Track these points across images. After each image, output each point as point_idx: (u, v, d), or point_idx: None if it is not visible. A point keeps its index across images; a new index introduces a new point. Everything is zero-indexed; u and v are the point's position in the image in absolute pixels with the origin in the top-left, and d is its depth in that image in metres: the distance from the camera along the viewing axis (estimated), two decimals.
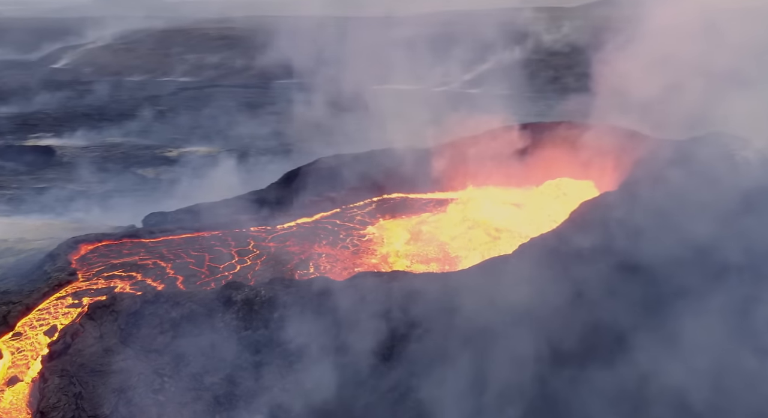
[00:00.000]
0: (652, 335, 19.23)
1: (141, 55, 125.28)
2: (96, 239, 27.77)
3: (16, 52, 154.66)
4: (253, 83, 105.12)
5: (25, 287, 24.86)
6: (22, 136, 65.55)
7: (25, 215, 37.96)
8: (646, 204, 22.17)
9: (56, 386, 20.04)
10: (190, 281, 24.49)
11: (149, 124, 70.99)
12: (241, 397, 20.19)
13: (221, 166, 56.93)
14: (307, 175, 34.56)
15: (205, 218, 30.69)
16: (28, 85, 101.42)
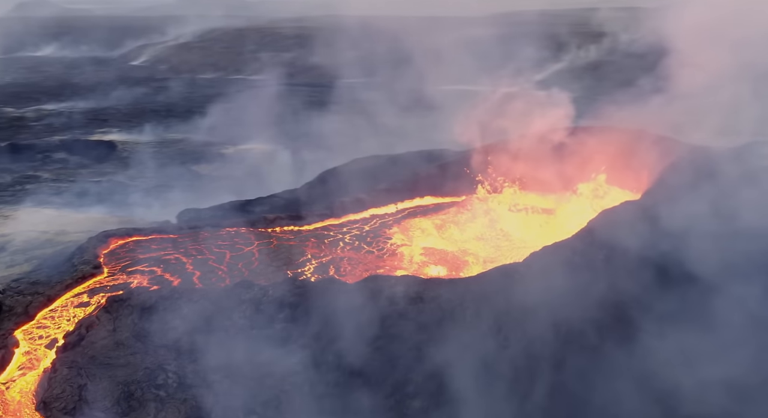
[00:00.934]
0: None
1: (215, 53, 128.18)
2: (126, 234, 28.37)
3: (100, 49, 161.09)
4: (321, 82, 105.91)
5: (53, 279, 25.69)
6: (90, 130, 68.03)
7: (73, 207, 39.31)
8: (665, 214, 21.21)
9: (63, 377, 20.57)
10: (207, 277, 24.78)
11: (213, 122, 72.36)
12: (239, 396, 20.29)
13: (275, 164, 57.81)
14: (341, 175, 34.55)
15: (236, 215, 30.97)
16: (106, 81, 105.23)
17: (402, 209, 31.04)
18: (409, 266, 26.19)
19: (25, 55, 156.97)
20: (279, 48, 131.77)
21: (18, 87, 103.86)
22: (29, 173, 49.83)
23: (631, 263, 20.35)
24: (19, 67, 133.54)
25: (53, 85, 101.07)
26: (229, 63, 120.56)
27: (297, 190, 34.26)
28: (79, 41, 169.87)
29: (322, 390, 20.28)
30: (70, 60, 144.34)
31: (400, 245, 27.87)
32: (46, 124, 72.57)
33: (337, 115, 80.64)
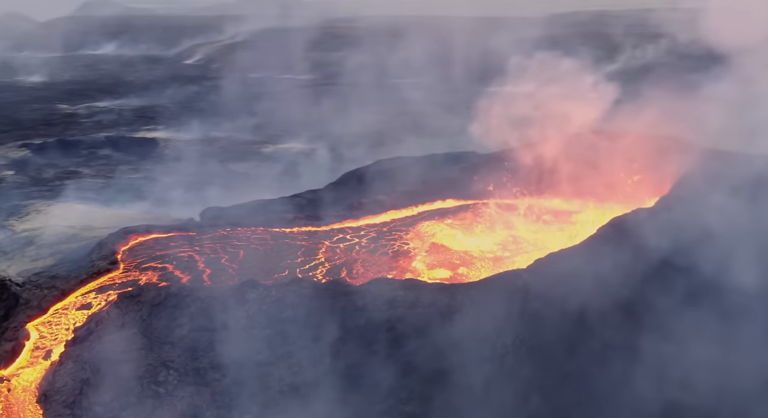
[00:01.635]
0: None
1: (267, 52, 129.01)
2: (146, 231, 28.80)
3: (157, 48, 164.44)
4: (367, 82, 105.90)
5: (71, 273, 26.29)
6: (137, 127, 69.46)
7: (106, 203, 40.14)
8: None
9: (68, 370, 21.00)
10: (217, 275, 24.96)
11: (255, 120, 73.12)
12: (236, 396, 20.40)
13: (313, 163, 58.01)
14: (364, 176, 34.51)
15: (257, 214, 31.14)
16: (159, 79, 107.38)
17: (421, 212, 30.76)
18: (421, 269, 25.92)
19: (85, 54, 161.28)
20: (329, 47, 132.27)
21: (75, 84, 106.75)
22: (72, 169, 51.19)
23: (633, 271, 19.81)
24: (78, 65, 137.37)
25: (108, 82, 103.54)
26: (279, 62, 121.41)
27: (320, 191, 34.31)
28: (137, 40, 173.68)
29: (317, 392, 20.26)
30: (127, 58, 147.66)
31: (416, 247, 27.60)
32: (96, 120, 74.38)
33: (381, 116, 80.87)
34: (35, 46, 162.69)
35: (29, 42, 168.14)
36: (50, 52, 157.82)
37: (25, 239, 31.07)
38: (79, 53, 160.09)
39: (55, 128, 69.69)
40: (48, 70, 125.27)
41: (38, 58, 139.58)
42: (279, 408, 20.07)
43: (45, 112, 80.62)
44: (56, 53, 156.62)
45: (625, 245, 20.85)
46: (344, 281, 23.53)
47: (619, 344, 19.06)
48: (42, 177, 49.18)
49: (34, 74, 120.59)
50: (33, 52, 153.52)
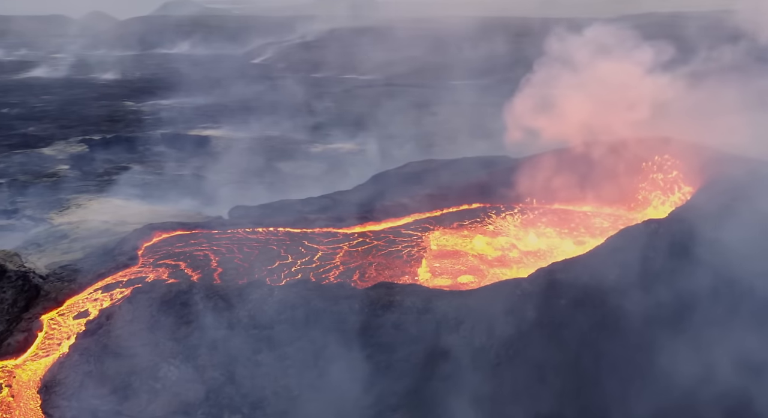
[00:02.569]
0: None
1: (332, 52, 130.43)
2: (171, 228, 29.35)
3: (228, 47, 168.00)
4: (429, 83, 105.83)
5: (93, 267, 27.00)
6: (194, 125, 71.10)
7: (147, 199, 41.18)
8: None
9: (72, 362, 21.56)
10: (228, 274, 25.23)
11: (311, 120, 73.95)
12: (228, 396, 20.56)
13: (358, 164, 58.13)
14: (392, 179, 34.40)
15: (281, 214, 31.35)
16: (225, 78, 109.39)
17: (443, 216, 30.41)
18: (435, 275, 25.61)
19: (159, 52, 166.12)
20: (394, 48, 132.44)
21: (144, 82, 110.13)
22: (123, 165, 52.70)
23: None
24: (151, 64, 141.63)
25: (176, 81, 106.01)
26: (342, 62, 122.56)
27: (347, 192, 34.31)
28: (210, 39, 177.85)
29: (312, 395, 20.26)
30: (198, 57, 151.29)
31: (433, 252, 27.31)
32: (157, 118, 76.46)
33: (436, 117, 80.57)
34: (112, 44, 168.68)
35: (107, 40, 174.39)
36: (126, 50, 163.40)
37: (60, 233, 32.10)
38: (153, 52, 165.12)
39: (117, 125, 72.02)
40: (121, 68, 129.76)
41: (113, 57, 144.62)
42: (270, 409, 20.07)
43: (111, 109, 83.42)
44: (131, 51, 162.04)
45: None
46: (348, 284, 23.42)
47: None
48: (93, 172, 50.83)
49: (108, 72, 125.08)
50: (109, 50, 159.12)
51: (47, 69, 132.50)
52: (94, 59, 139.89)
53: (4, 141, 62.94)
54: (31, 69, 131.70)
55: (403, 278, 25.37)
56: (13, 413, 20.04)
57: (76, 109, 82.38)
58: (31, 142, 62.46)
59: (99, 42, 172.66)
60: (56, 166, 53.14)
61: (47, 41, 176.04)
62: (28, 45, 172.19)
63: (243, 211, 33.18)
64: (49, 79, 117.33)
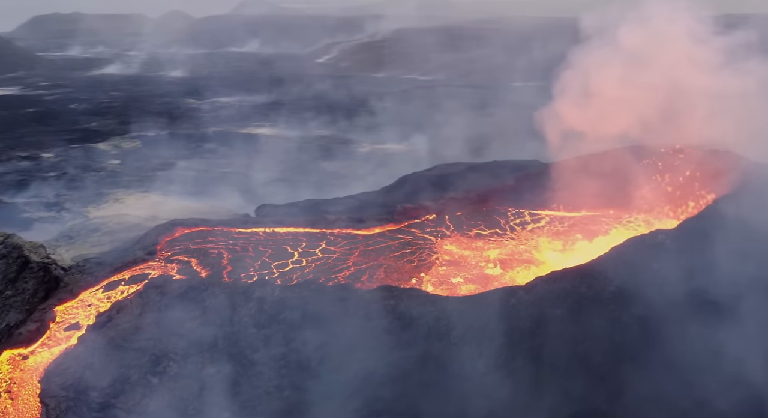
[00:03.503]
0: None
1: (395, 52, 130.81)
2: (193, 224, 29.77)
3: (296, 47, 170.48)
4: (490, 84, 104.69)
5: (114, 261, 27.64)
6: (247, 123, 72.24)
7: (185, 195, 41.90)
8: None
9: (75, 354, 22.07)
10: (237, 272, 25.42)
11: (365, 120, 74.00)
12: (222, 393, 20.68)
13: (405, 165, 57.87)
14: (418, 181, 34.02)
15: (304, 213, 31.41)
16: (287, 77, 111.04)
17: (463, 220, 29.92)
18: (444, 280, 25.23)
19: (229, 51, 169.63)
20: (458, 48, 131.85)
21: (209, 80, 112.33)
22: (171, 161, 53.88)
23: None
24: (219, 62, 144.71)
25: (239, 79, 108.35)
26: (404, 63, 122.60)
27: (374, 193, 34.16)
28: (279, 38, 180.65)
29: (299, 396, 20.20)
30: (265, 56, 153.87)
31: (448, 257, 26.90)
32: (214, 115, 78.01)
33: (492, 118, 79.54)
34: (185, 42, 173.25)
35: (181, 39, 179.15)
36: (197, 48, 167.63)
37: (93, 226, 32.95)
38: (223, 50, 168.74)
39: (175, 121, 73.78)
40: (190, 65, 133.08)
41: (183, 55, 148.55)
42: (260, 408, 20.10)
43: (172, 106, 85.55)
44: (202, 50, 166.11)
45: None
46: (352, 286, 23.27)
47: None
48: (140, 168, 52.15)
49: (176, 69, 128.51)
50: (181, 49, 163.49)
51: (120, 66, 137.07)
52: (166, 57, 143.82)
53: (66, 135, 65.27)
54: (105, 66, 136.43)
55: (409, 282, 25.10)
56: (14, 400, 20.62)
57: (140, 105, 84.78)
58: (90, 137, 64.59)
59: (172, 40, 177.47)
60: (107, 161, 54.75)
61: (123, 39, 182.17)
62: (106, 43, 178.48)
63: (269, 209, 33.41)
64: (120, 76, 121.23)
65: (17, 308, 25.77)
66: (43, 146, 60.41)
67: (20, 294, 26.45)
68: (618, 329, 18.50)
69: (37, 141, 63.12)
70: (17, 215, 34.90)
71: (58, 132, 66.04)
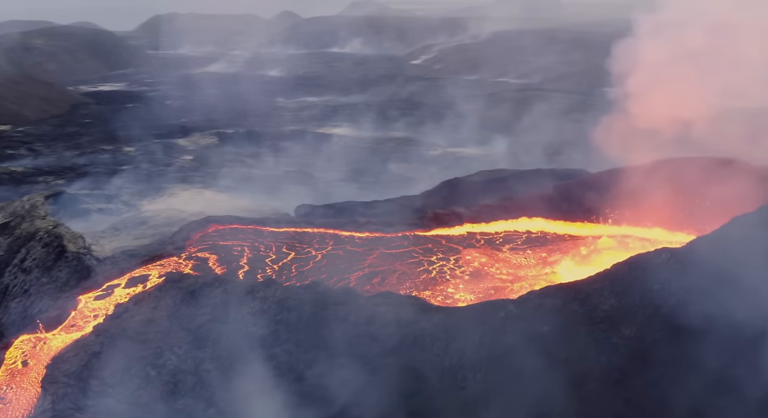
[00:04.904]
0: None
1: (490, 54, 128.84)
2: (227, 222, 30.38)
3: (397, 48, 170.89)
4: (583, 88, 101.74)
5: (147, 254, 28.55)
6: (325, 123, 73.21)
7: (241, 192, 42.63)
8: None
9: (86, 342, 22.88)
10: (253, 271, 25.73)
11: (445, 122, 73.30)
12: (215, 389, 20.96)
13: (469, 169, 56.94)
14: (458, 186, 33.50)
15: (339, 215, 31.49)
16: (379, 77, 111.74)
17: (494, 228, 29.15)
18: (454, 292, 24.54)
19: (329, 51, 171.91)
20: (557, 51, 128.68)
21: (303, 80, 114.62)
22: (240, 158, 55.13)
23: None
24: (316, 62, 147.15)
25: (331, 79, 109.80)
26: (499, 65, 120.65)
27: (413, 197, 33.83)
28: (381, 39, 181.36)
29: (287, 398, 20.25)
30: (363, 56, 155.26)
31: (467, 269, 26.17)
32: (296, 114, 79.44)
33: (578, 124, 77.02)
34: (289, 42, 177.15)
35: (286, 38, 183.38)
36: (300, 48, 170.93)
37: (140, 219, 34.21)
38: (323, 50, 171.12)
39: (257, 119, 75.58)
40: (288, 65, 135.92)
41: (285, 54, 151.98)
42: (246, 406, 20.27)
43: (260, 104, 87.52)
44: (304, 50, 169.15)
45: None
46: (355, 290, 23.09)
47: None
48: (208, 164, 53.62)
49: (274, 69, 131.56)
50: (283, 48, 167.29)
51: (223, 64, 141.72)
52: (267, 56, 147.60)
53: (153, 130, 68.03)
54: (210, 64, 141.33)
55: (422, 291, 24.58)
56: (18, 383, 21.56)
57: (231, 103, 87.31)
58: (174, 133, 67.12)
59: (277, 40, 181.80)
60: (181, 156, 56.65)
61: (232, 39, 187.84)
62: (215, 42, 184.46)
63: (308, 209, 33.74)
64: (221, 74, 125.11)
65: (50, 295, 27.09)
66: (129, 140, 63.26)
67: (54, 282, 27.82)
68: (605, 350, 17.53)
69: (126, 135, 66.15)
70: (78, 205, 36.56)
71: (147, 127, 68.86)
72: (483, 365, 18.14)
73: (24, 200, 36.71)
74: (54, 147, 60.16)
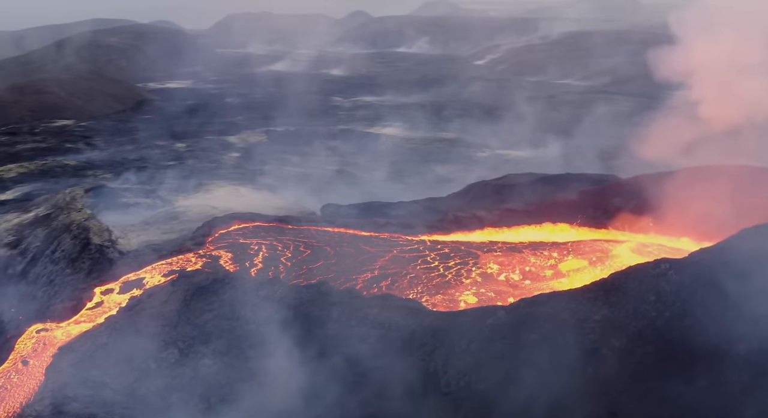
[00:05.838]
0: None
1: (555, 56, 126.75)
2: (250, 219, 30.66)
3: (463, 48, 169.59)
4: (648, 92, 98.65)
5: (169, 248, 29.04)
6: (376, 123, 73.08)
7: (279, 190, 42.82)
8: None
9: (94, 332, 23.44)
10: (265, 269, 25.85)
11: (499, 124, 72.16)
12: (206, 385, 21.15)
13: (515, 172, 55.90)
14: (484, 189, 32.90)
15: (362, 215, 31.35)
16: (439, 78, 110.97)
17: (514, 233, 28.56)
18: (465, 297, 24.10)
19: (394, 51, 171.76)
20: (626, 53, 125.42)
21: (363, 79, 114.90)
22: (286, 156, 55.42)
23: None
24: (381, 61, 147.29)
25: (392, 79, 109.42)
26: (563, 67, 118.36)
27: (438, 199, 33.41)
28: (450, 39, 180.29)
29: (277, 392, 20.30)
30: (427, 57, 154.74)
31: (482, 276, 25.66)
32: (350, 114, 79.62)
33: (637, 128, 74.82)
34: (355, 41, 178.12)
35: (353, 37, 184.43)
36: (366, 47, 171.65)
37: (173, 214, 34.78)
38: (388, 50, 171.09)
39: (310, 118, 76.07)
40: (352, 64, 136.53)
41: (349, 54, 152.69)
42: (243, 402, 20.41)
43: (317, 103, 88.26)
44: (369, 49, 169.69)
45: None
46: (356, 291, 22.97)
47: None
48: (252, 161, 54.15)
49: (337, 67, 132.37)
50: (349, 47, 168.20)
51: (288, 63, 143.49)
52: (332, 55, 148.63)
53: (208, 127, 69.40)
54: (274, 63, 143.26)
55: (433, 295, 24.21)
56: (24, 370, 22.20)
57: (289, 102, 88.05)
58: (227, 130, 68.23)
59: (344, 39, 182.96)
60: (228, 153, 57.47)
61: (300, 38, 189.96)
62: (283, 41, 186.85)
63: (333, 209, 33.70)
64: (285, 72, 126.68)
65: (72, 286, 27.85)
66: (183, 137, 64.66)
67: (77, 273, 28.56)
68: (592, 361, 16.89)
69: (181, 131, 67.67)
70: (117, 199, 37.45)
71: (203, 124, 70.34)
72: (467, 371, 17.75)
73: (66, 193, 37.92)
74: (111, 142, 61.97)
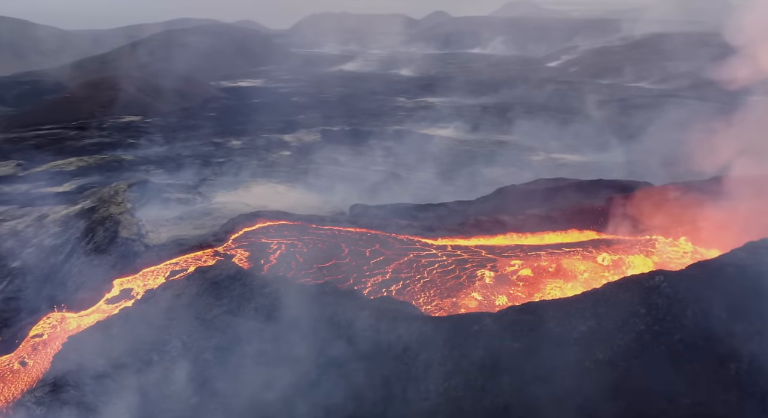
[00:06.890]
0: None
1: (630, 58, 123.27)
2: (275, 217, 30.93)
3: (538, 49, 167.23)
4: (724, 97, 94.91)
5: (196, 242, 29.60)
6: (433, 124, 72.43)
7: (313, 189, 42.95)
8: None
9: (107, 324, 24.07)
10: (277, 268, 26.01)
11: (562, 127, 70.49)
12: (201, 382, 21.41)
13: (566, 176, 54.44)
14: (513, 194, 32.26)
15: (388, 216, 31.20)
16: (509, 79, 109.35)
17: (536, 238, 27.82)
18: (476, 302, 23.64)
19: (466, 52, 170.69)
20: (705, 56, 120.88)
21: (430, 80, 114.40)
22: (335, 156, 55.36)
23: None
24: (452, 62, 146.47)
25: (460, 80, 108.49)
26: (638, 69, 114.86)
27: (466, 202, 32.90)
28: (527, 40, 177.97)
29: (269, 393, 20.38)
30: (500, 57, 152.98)
31: (498, 276, 25.17)
32: (409, 114, 79.18)
33: (707, 134, 71.92)
34: (428, 41, 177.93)
35: (427, 38, 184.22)
36: (438, 48, 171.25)
37: (208, 210, 35.52)
38: (461, 51, 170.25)
39: (369, 118, 76.22)
40: (421, 65, 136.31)
41: (421, 54, 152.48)
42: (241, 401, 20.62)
43: (380, 103, 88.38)
44: (441, 50, 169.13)
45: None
46: (358, 293, 22.86)
47: None
48: (301, 159, 54.37)
49: (407, 68, 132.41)
50: (422, 48, 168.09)
51: (359, 63, 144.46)
52: (403, 56, 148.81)
53: (268, 125, 70.31)
54: (345, 62, 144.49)
55: (444, 299, 23.87)
56: (33, 357, 22.98)
57: (352, 101, 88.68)
58: (285, 129, 68.95)
59: (418, 39, 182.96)
60: (279, 151, 57.98)
61: (376, 37, 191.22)
62: (359, 41, 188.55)
63: (361, 209, 33.70)
64: (354, 72, 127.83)
65: (96, 277, 28.67)
66: (240, 134, 65.73)
67: (104, 264, 29.42)
68: (573, 373, 16.32)
69: (240, 129, 68.83)
70: (158, 194, 38.37)
71: (264, 122, 71.30)
72: (446, 378, 17.41)
73: (111, 187, 39.14)
74: (170, 138, 63.54)
